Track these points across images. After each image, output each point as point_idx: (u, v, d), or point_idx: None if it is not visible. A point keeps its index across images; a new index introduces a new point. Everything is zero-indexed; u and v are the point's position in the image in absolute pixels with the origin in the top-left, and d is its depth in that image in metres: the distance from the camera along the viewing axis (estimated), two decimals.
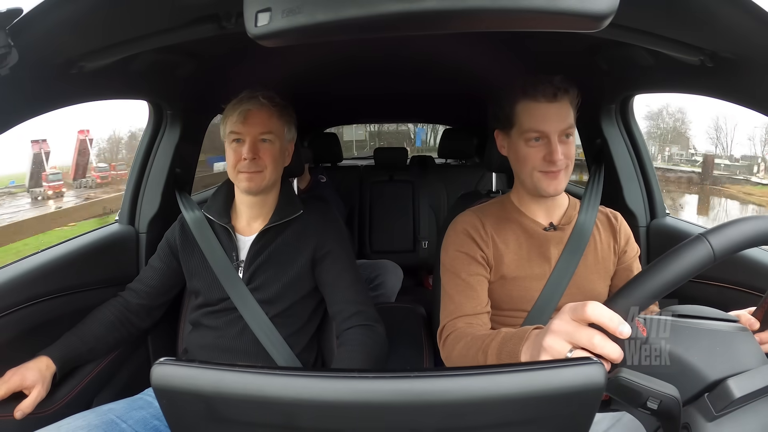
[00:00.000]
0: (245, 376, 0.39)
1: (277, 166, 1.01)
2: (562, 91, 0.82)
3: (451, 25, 0.49)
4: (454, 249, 0.90)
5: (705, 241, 0.47)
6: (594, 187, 1.02)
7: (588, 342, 0.45)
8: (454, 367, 0.98)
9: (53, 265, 1.01)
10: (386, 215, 2.39)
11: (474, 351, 0.72)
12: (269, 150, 0.98)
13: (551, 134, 0.83)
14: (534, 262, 0.90)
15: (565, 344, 0.47)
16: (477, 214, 0.93)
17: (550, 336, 0.48)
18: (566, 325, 0.47)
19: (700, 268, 0.46)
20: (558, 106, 0.83)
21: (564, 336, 0.47)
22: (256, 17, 0.48)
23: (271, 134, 0.98)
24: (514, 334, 0.63)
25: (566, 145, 0.84)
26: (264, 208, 1.04)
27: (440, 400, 0.37)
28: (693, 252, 0.46)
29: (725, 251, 0.47)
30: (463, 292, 0.86)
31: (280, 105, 1.01)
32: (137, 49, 0.77)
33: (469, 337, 0.77)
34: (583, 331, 0.46)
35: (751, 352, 0.49)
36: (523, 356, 0.57)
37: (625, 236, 0.94)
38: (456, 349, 0.79)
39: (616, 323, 0.44)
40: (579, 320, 0.47)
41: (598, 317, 0.45)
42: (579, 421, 0.40)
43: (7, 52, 0.57)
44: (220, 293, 1.00)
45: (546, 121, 0.83)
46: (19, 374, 0.83)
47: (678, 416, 0.46)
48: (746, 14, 0.58)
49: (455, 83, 1.82)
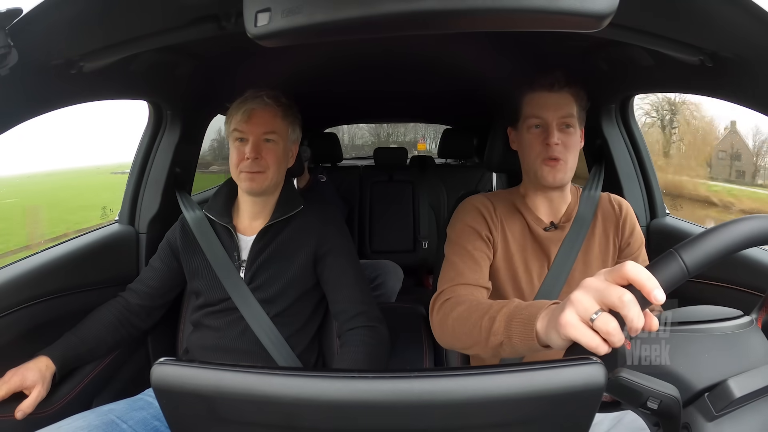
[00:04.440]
0: (245, 376, 0.39)
1: (280, 167, 1.01)
2: (560, 82, 0.87)
3: (451, 25, 0.49)
4: (463, 223, 0.90)
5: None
6: (594, 186, 1.03)
7: (618, 299, 0.42)
8: (454, 367, 0.98)
9: (53, 266, 1.01)
10: (386, 215, 2.39)
11: (478, 315, 0.69)
12: (272, 150, 0.98)
13: (549, 120, 0.87)
14: (534, 259, 0.91)
15: (593, 303, 0.44)
16: (489, 197, 0.94)
17: (580, 290, 0.46)
18: (600, 282, 0.45)
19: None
20: (557, 96, 0.87)
21: (594, 293, 0.45)
22: (256, 17, 0.48)
23: (274, 134, 0.98)
24: (530, 304, 0.61)
25: (566, 135, 0.87)
26: (266, 208, 1.04)
27: (440, 400, 0.37)
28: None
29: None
30: (467, 263, 0.85)
31: (284, 105, 1.00)
32: (137, 49, 0.77)
33: (474, 303, 0.74)
34: (617, 289, 0.43)
35: (753, 350, 0.48)
36: (539, 323, 0.55)
37: (630, 226, 0.94)
38: (455, 312, 0.75)
39: (652, 285, 0.42)
40: (616, 278, 0.44)
41: (636, 275, 0.43)
42: (579, 421, 0.40)
43: (7, 52, 0.57)
44: (221, 293, 1.00)
45: (544, 107, 0.88)
46: (19, 374, 0.83)
47: (678, 416, 0.46)
48: (746, 14, 0.58)
49: (455, 83, 1.82)
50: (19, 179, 5.19)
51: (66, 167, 31.91)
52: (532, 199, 0.94)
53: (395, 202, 2.41)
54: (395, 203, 2.41)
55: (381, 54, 1.41)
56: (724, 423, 0.45)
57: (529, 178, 0.93)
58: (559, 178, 0.88)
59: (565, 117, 0.87)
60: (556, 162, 0.87)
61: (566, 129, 0.87)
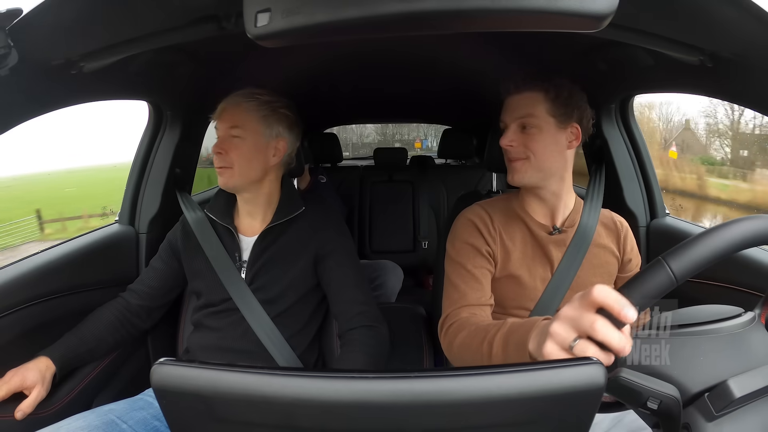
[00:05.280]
0: (245, 376, 0.39)
1: (250, 163, 0.98)
2: (519, 83, 0.87)
3: (450, 25, 0.49)
4: (461, 241, 0.90)
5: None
6: (596, 188, 1.02)
7: (590, 327, 0.44)
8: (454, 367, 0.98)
9: (53, 266, 1.01)
10: (386, 215, 2.39)
11: (478, 341, 0.71)
12: (237, 146, 0.96)
13: (508, 122, 0.89)
14: (537, 263, 0.90)
15: (571, 331, 0.46)
16: (485, 208, 0.94)
17: (557, 322, 0.47)
18: (573, 311, 0.46)
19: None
20: (518, 97, 0.88)
21: (569, 322, 0.46)
22: (256, 18, 0.48)
23: (238, 129, 0.96)
24: (522, 325, 0.62)
25: (525, 135, 0.87)
26: (265, 208, 1.04)
27: (440, 400, 0.37)
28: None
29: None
30: (468, 283, 0.86)
31: (260, 101, 0.98)
32: (137, 49, 0.77)
33: (473, 327, 0.76)
34: (588, 316, 0.44)
35: (758, 347, 0.48)
36: (530, 344, 0.56)
37: (630, 244, 0.94)
38: (458, 338, 0.78)
39: (620, 305, 0.43)
40: (587, 305, 0.45)
41: (604, 299, 0.44)
42: (579, 421, 0.40)
43: (7, 52, 0.57)
44: (222, 294, 1.00)
45: (505, 110, 0.90)
46: (19, 375, 0.83)
47: (678, 416, 0.46)
48: (746, 14, 0.58)
49: (455, 83, 1.82)
50: (71, 172, 6.39)
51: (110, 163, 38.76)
52: (530, 202, 0.93)
53: (395, 202, 2.41)
54: (395, 203, 2.41)
55: (381, 54, 1.41)
56: (724, 423, 0.45)
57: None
58: (517, 179, 0.88)
59: (522, 117, 0.87)
60: (513, 162, 0.88)
61: (525, 130, 0.87)
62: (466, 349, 0.75)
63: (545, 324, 0.54)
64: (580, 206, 0.95)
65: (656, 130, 10.97)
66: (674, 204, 7.82)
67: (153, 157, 1.27)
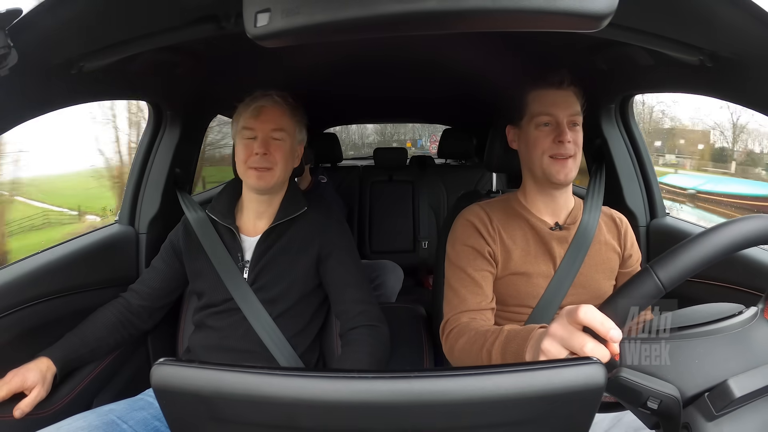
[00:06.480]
0: (245, 377, 0.39)
1: (287, 165, 1.01)
2: (568, 80, 0.87)
3: (450, 25, 0.49)
4: (461, 243, 0.90)
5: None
6: (596, 187, 1.03)
7: (580, 349, 0.46)
8: (454, 367, 0.98)
9: (53, 266, 1.01)
10: (386, 215, 2.39)
11: (477, 348, 0.72)
12: (280, 147, 0.98)
13: (560, 118, 0.87)
14: (540, 260, 0.90)
15: (561, 349, 0.48)
16: (484, 208, 0.93)
17: (547, 339, 0.50)
18: (562, 329, 0.48)
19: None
20: (565, 93, 0.88)
21: (559, 340, 0.48)
22: (256, 18, 0.48)
23: (282, 132, 0.98)
24: (518, 334, 0.63)
25: (574, 133, 0.87)
26: (270, 208, 1.04)
27: (440, 400, 0.37)
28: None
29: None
30: (468, 287, 0.86)
31: (292, 105, 1.01)
32: (137, 49, 0.77)
33: (472, 333, 0.77)
34: (577, 337, 0.46)
35: (763, 342, 0.48)
36: (527, 355, 0.57)
37: (630, 240, 0.95)
38: (459, 344, 0.79)
39: (606, 328, 0.45)
40: (573, 324, 0.47)
41: (590, 321, 0.46)
42: (579, 421, 0.40)
43: (7, 52, 0.57)
44: (223, 294, 1.00)
45: (555, 105, 0.87)
46: (20, 375, 0.83)
47: (678, 416, 0.46)
48: (746, 14, 0.58)
49: (455, 83, 1.82)
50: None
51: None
52: (534, 200, 0.93)
53: (395, 202, 2.41)
54: (395, 203, 2.41)
55: (380, 54, 1.41)
56: (724, 423, 0.45)
57: (534, 176, 0.92)
58: (568, 176, 0.88)
59: (573, 115, 0.87)
60: (566, 160, 0.87)
61: (574, 127, 0.88)
62: (467, 355, 0.76)
63: (540, 334, 0.56)
64: (580, 204, 0.96)
65: None
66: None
67: (153, 157, 1.27)
